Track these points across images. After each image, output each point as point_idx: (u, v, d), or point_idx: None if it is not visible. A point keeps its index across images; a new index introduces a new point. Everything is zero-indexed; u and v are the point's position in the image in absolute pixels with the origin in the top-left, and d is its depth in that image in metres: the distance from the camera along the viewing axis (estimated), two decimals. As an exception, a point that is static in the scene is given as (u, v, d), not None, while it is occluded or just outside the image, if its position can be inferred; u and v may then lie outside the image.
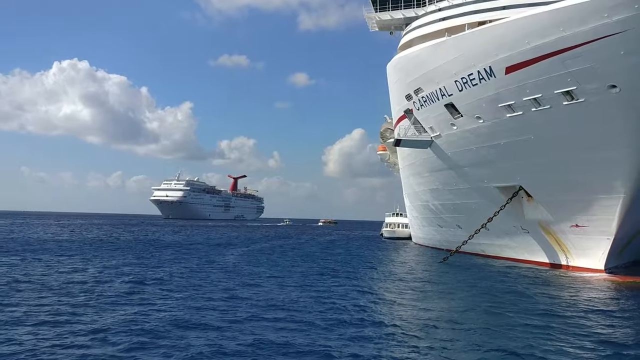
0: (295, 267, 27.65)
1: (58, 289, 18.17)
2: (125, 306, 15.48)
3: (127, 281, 20.65)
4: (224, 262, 29.54)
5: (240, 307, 15.66)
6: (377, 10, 39.17)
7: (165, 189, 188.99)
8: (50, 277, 21.23)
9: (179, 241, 49.82)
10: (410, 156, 36.45)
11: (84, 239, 48.93)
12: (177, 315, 14.22)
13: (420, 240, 49.11)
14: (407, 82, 31.16)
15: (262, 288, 19.64)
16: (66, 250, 35.12)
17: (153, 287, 19.14)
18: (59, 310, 14.52)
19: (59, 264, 26.35)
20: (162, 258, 31.31)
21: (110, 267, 25.59)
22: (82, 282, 20.22)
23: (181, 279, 21.55)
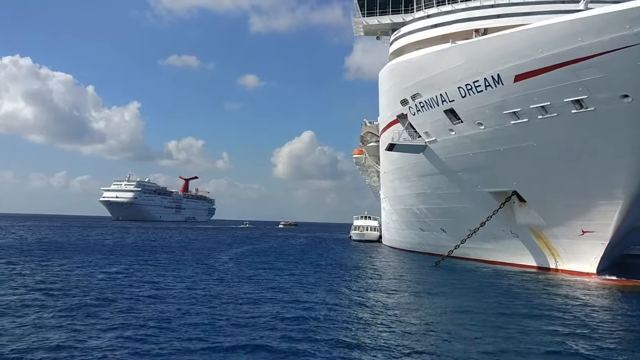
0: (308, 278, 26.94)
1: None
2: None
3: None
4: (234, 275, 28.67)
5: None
6: (365, 15, 39.31)
7: (115, 190, 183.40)
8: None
9: (145, 245, 48.18)
10: (398, 160, 36.70)
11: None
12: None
13: (395, 244, 49.60)
14: (404, 87, 31.35)
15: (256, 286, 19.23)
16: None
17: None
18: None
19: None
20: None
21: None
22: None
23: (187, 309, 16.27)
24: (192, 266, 29.19)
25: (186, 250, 42.52)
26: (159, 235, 70.52)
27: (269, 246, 52.25)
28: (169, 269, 27.05)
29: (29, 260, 29.49)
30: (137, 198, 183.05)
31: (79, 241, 49.67)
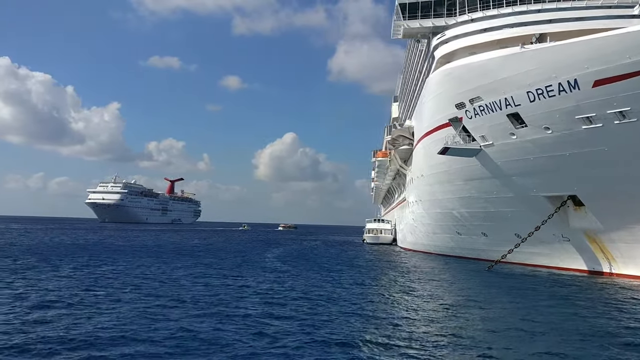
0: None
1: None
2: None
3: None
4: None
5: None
6: (407, 18, 39.28)
7: (102, 192, 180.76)
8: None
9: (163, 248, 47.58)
10: (442, 164, 36.66)
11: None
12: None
13: (420, 247, 49.71)
14: (461, 91, 31.34)
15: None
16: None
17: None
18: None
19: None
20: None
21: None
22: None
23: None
24: (260, 269, 29.21)
25: (227, 252, 43.79)
26: (173, 238, 69.91)
27: (300, 249, 53.02)
28: (243, 273, 27.35)
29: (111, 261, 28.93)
30: (123, 200, 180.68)
31: (127, 243, 51.28)
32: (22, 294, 18.37)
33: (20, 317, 14.49)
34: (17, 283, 21.03)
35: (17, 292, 18.53)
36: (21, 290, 19.14)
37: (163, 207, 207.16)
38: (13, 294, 18.21)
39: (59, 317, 14.48)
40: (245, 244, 60.97)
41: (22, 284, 20.82)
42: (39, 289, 19.62)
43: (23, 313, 15.03)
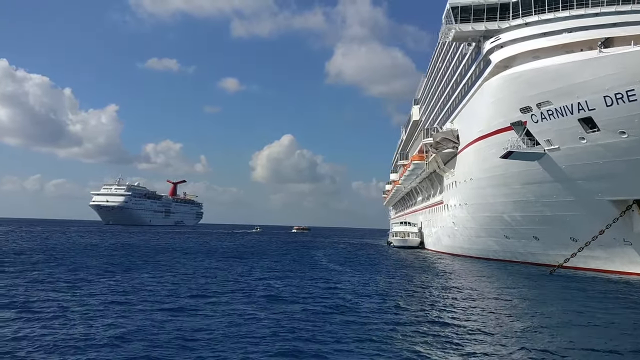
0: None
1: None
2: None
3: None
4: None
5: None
6: (459, 22, 39.20)
7: (106, 194, 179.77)
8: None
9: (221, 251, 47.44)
10: (498, 168, 36.63)
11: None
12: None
13: (458, 250, 49.67)
14: (529, 94, 31.33)
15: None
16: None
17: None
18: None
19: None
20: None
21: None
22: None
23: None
24: (332, 272, 29.15)
25: (275, 255, 45.24)
26: (202, 240, 69.93)
27: (339, 252, 55.22)
28: (321, 275, 27.58)
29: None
30: (127, 202, 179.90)
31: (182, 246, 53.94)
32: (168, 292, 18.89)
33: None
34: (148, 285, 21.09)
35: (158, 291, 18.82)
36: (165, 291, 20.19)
37: (166, 209, 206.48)
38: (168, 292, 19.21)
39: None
40: (280, 247, 62.81)
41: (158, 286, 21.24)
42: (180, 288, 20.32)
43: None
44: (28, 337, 12.39)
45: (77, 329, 13.44)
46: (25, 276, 24.34)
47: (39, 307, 16.28)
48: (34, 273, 25.72)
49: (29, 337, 12.39)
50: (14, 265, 29.43)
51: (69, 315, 15.08)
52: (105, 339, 12.37)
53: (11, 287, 20.61)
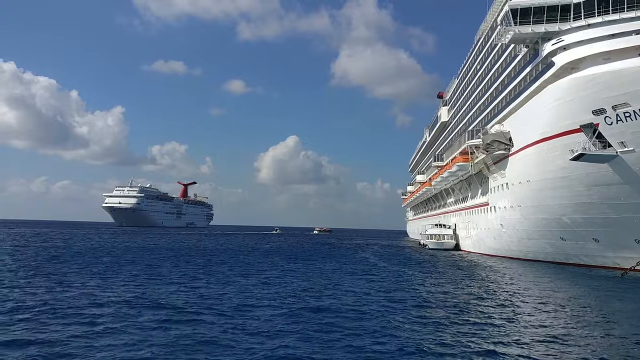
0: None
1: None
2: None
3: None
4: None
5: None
6: (518, 24, 39.11)
7: (118, 196, 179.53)
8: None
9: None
10: (560, 170, 36.52)
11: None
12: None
13: (503, 252, 49.49)
14: (604, 97, 31.25)
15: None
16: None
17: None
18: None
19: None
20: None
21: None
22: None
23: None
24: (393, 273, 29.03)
25: (320, 257, 44.43)
26: (239, 242, 69.79)
27: (383, 253, 55.90)
28: (384, 276, 27.28)
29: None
30: (139, 204, 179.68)
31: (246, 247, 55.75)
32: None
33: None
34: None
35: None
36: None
37: (178, 210, 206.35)
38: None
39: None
40: (317, 248, 64.14)
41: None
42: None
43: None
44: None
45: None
46: (137, 278, 25.97)
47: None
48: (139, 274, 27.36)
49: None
50: (112, 268, 30.75)
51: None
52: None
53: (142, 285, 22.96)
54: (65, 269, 28.92)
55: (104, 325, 14.30)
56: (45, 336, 12.79)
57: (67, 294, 19.66)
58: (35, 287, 21.46)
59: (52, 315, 15.55)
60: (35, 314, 15.64)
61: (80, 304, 17.60)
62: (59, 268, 29.51)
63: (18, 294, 19.47)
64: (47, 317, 15.26)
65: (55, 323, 14.41)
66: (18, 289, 20.57)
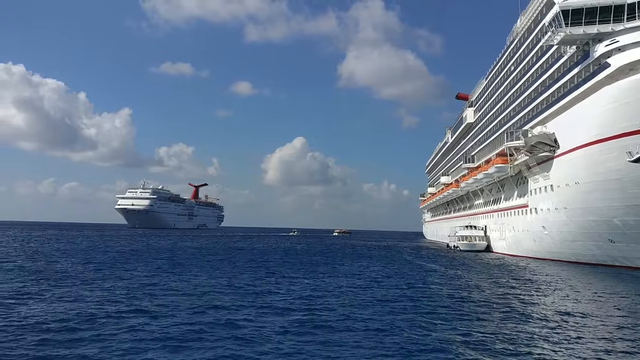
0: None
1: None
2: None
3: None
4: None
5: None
6: (569, 25, 38.87)
7: (131, 198, 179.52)
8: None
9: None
10: (615, 172, 36.27)
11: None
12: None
13: (546, 255, 49.13)
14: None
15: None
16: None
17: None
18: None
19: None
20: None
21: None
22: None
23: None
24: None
25: (382, 259, 44.61)
26: (277, 244, 69.80)
27: (425, 255, 54.64)
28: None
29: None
30: (152, 206, 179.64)
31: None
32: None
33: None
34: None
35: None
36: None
37: (189, 212, 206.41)
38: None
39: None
40: (353, 251, 64.30)
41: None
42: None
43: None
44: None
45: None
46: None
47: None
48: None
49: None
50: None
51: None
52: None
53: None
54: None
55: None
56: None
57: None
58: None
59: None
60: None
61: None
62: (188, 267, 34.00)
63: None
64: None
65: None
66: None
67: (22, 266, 31.57)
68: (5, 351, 11.68)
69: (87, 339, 13.03)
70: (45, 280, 24.68)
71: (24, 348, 11.98)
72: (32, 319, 15.34)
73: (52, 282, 24.05)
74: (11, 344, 12.31)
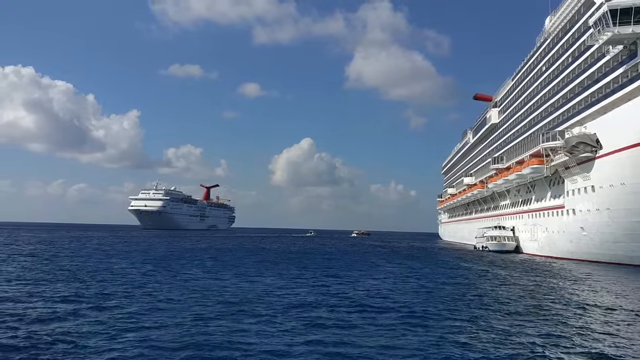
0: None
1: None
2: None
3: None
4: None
5: None
6: (617, 25, 38.58)
7: (144, 199, 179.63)
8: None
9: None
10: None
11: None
12: None
13: (584, 256, 48.73)
14: None
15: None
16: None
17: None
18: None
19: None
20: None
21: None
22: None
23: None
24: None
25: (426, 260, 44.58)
26: (308, 246, 69.73)
27: (459, 256, 54.04)
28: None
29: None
30: (165, 207, 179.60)
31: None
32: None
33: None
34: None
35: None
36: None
37: (201, 213, 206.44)
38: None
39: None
40: (393, 251, 63.68)
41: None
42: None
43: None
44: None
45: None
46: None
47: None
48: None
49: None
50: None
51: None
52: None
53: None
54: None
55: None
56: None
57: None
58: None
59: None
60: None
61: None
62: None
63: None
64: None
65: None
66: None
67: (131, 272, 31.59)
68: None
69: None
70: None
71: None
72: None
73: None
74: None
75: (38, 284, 23.80)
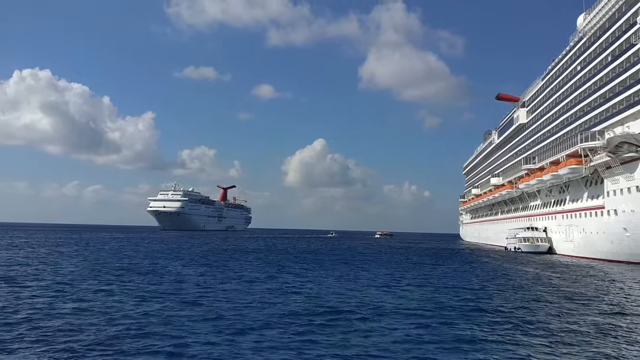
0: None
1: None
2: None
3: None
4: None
5: None
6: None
7: (162, 200, 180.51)
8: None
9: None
10: None
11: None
12: None
13: (625, 257, 48.08)
14: None
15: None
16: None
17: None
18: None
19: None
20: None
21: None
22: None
23: None
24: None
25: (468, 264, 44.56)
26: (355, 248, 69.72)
27: (498, 258, 53.87)
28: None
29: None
30: (184, 208, 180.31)
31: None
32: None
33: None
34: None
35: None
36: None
37: (219, 214, 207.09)
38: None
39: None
40: (436, 252, 64.11)
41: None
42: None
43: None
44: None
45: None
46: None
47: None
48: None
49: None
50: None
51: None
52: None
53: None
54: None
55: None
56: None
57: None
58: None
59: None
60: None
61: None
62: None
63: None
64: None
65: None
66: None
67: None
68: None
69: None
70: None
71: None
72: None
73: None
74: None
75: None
